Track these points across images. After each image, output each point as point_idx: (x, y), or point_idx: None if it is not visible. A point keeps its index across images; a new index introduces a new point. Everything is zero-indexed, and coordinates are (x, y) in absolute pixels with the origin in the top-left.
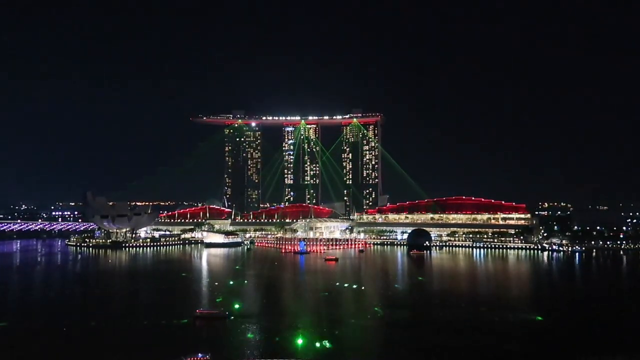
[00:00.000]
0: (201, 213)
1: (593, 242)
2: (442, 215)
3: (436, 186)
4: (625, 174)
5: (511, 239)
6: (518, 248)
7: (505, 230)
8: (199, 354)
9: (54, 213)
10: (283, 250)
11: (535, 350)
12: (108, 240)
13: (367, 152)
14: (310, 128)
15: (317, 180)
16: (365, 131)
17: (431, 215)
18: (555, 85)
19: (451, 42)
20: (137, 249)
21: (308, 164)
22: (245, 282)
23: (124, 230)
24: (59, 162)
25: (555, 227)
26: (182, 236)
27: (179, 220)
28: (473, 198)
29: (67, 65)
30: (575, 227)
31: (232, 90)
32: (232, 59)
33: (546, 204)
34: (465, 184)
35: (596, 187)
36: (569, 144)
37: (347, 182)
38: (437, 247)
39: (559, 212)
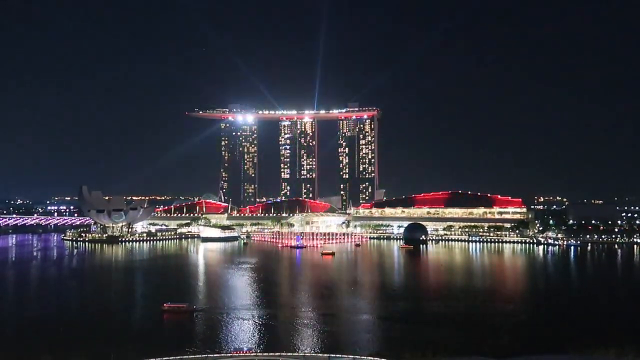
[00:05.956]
0: (197, 207)
1: (588, 236)
2: (438, 209)
3: (433, 180)
4: (620, 169)
5: (507, 232)
6: (514, 242)
7: (501, 224)
8: (245, 347)
9: (49, 207)
10: (280, 245)
11: (528, 343)
12: (104, 235)
13: (364, 146)
14: (306, 122)
15: (314, 175)
16: (361, 125)
17: (427, 210)
18: (553, 83)
19: (449, 37)
20: (134, 243)
21: (304, 158)
22: (241, 277)
23: (120, 224)
24: (55, 156)
25: (551, 221)
26: (179, 230)
27: (175, 215)
28: (469, 192)
29: (63, 60)
30: (571, 221)
31: (228, 84)
32: (228, 53)
33: (542, 198)
34: (461, 178)
35: (591, 181)
36: (565, 139)
37: (344, 177)
38: (433, 242)
39: (555, 206)
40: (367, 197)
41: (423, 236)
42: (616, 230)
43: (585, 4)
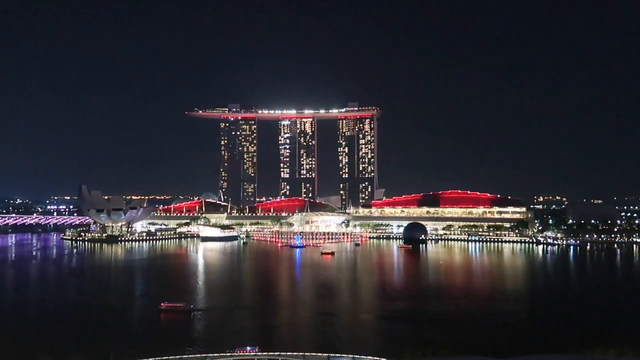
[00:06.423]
0: (197, 207)
1: (587, 236)
2: (437, 209)
3: (432, 180)
4: (620, 169)
5: (506, 232)
6: (513, 241)
7: (500, 223)
8: (247, 347)
9: (49, 207)
10: (279, 244)
11: (527, 342)
12: (104, 235)
13: (364, 145)
14: (306, 121)
15: (313, 174)
16: (361, 125)
17: (427, 209)
18: (553, 83)
19: (449, 37)
20: (133, 243)
21: (304, 157)
22: (240, 277)
23: (120, 224)
24: (55, 156)
25: (550, 220)
26: (178, 230)
27: (175, 214)
28: (469, 192)
29: (62, 59)
30: (570, 221)
31: (228, 84)
32: (227, 52)
33: (541, 198)
34: (461, 177)
35: (591, 181)
36: (564, 139)
37: (343, 176)
38: (433, 241)
39: (554, 206)
40: (366, 197)
41: (422, 236)
42: (615, 229)
43: (586, 4)
